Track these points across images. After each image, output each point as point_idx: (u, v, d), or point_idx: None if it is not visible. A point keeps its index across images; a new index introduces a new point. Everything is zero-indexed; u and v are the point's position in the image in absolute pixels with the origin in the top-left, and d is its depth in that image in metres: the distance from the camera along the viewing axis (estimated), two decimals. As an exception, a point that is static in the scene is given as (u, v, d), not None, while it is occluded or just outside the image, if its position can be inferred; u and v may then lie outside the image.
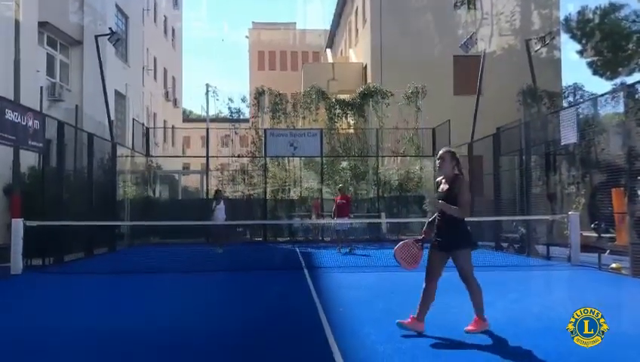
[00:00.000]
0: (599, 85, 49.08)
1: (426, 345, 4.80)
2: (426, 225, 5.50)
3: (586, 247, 11.35)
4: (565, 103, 20.99)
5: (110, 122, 17.21)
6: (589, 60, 24.70)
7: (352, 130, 21.77)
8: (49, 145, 12.45)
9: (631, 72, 23.86)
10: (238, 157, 21.04)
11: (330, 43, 39.43)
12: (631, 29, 23.69)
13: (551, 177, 13.65)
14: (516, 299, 7.20)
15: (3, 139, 10.15)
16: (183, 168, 29.97)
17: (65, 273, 10.72)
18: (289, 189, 20.67)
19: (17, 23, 12.73)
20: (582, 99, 20.22)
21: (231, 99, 33.01)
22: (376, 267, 11.12)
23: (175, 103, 37.33)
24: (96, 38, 16.97)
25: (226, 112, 22.87)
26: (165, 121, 33.68)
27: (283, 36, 47.30)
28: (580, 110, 12.05)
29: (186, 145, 40.95)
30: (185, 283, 9.51)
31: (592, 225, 12.94)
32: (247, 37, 48.18)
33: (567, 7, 74.38)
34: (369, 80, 24.31)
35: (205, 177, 20.46)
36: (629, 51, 23.87)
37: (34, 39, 15.73)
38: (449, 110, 19.19)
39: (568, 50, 70.94)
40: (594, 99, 12.98)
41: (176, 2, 38.29)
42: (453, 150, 5.41)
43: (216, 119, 30.88)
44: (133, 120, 20.56)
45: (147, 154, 20.45)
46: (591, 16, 24.07)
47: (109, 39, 17.39)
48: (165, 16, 35.02)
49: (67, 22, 19.22)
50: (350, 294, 7.70)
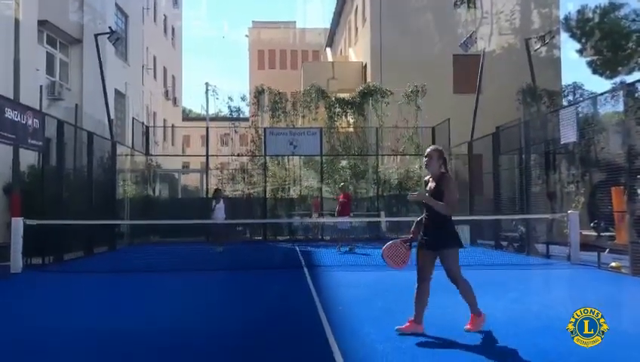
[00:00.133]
0: (599, 84, 49.10)
1: (426, 343, 4.81)
2: (414, 224, 5.49)
3: (585, 246, 11.36)
4: (565, 102, 20.99)
5: (110, 121, 17.22)
6: (588, 59, 24.74)
7: (351, 129, 21.76)
8: (49, 144, 12.46)
9: (630, 71, 23.91)
10: (238, 156, 21.04)
11: (330, 42, 39.42)
12: (630, 28, 23.71)
13: (550, 176, 13.65)
14: (516, 298, 7.20)
15: (3, 138, 10.16)
16: (183, 167, 30.03)
17: (65, 272, 10.73)
18: (289, 188, 20.67)
19: (17, 22, 12.72)
20: (581, 98, 20.20)
21: (231, 98, 33.17)
22: (376, 266, 11.08)
23: (175, 102, 37.32)
24: (96, 36, 16.97)
25: (225, 111, 22.87)
26: (165, 120, 33.68)
27: (283, 35, 47.28)
28: (580, 109, 12.05)
29: (185, 144, 40.93)
30: (185, 282, 9.51)
31: (592, 224, 12.94)
32: (246, 36, 48.20)
33: (567, 6, 74.51)
34: (369, 79, 24.31)
35: (205, 176, 20.47)
36: (629, 50, 23.89)
37: (34, 38, 15.72)
38: (449, 109, 19.20)
39: (568, 49, 71.01)
40: (593, 98, 12.97)
41: (176, 1, 38.25)
42: (440, 148, 5.38)
43: (216, 118, 30.88)
44: (133, 119, 20.56)
45: (147, 153, 20.45)
46: (591, 15, 24.10)
47: (108, 38, 17.40)
48: (165, 15, 34.99)
49: (67, 21, 19.22)
50: (350, 293, 7.71)
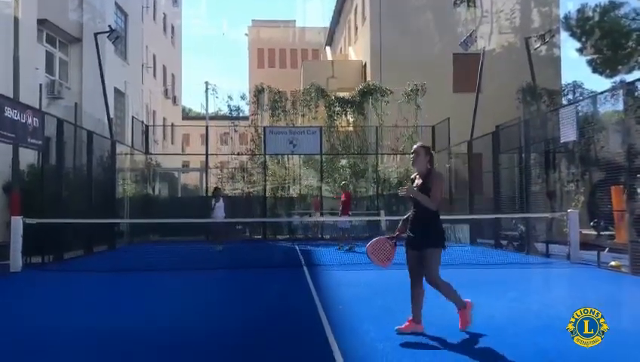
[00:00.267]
0: (599, 83, 49.10)
1: (425, 342, 4.81)
2: (401, 222, 5.43)
3: (585, 245, 11.36)
4: (565, 101, 20.98)
5: (109, 120, 17.21)
6: (588, 58, 24.74)
7: (351, 128, 21.76)
8: (48, 142, 12.45)
9: (630, 70, 23.91)
10: (238, 154, 21.04)
11: (330, 41, 39.39)
12: (630, 27, 23.71)
13: (550, 175, 13.66)
14: (515, 297, 7.20)
15: (2, 137, 10.15)
16: (183, 166, 30.01)
17: (64, 271, 10.73)
18: (288, 187, 20.68)
19: (16, 21, 12.71)
20: (581, 97, 20.21)
21: (230, 97, 32.95)
22: (376, 265, 11.11)
23: (174, 101, 37.29)
24: (96, 35, 16.95)
25: (225, 110, 22.81)
26: (165, 119, 33.67)
27: (282, 34, 47.24)
28: (580, 108, 12.03)
29: (185, 143, 40.91)
30: (184, 281, 9.51)
31: (592, 223, 12.94)
32: (246, 34, 48.11)
33: (567, 4, 74.46)
34: (368, 78, 24.30)
35: (205, 175, 20.47)
36: (629, 49, 23.90)
37: (33, 37, 15.70)
38: (448, 108, 19.21)
39: (568, 48, 70.94)
40: (593, 96, 12.97)
41: (175, 0, 38.23)
42: (427, 145, 5.34)
43: (216, 117, 30.81)
44: (133, 117, 20.54)
45: (146, 151, 20.45)
46: (590, 14, 24.10)
47: (108, 37, 17.40)
48: (165, 14, 34.95)
49: (66, 19, 19.21)
50: (349, 292, 7.72)
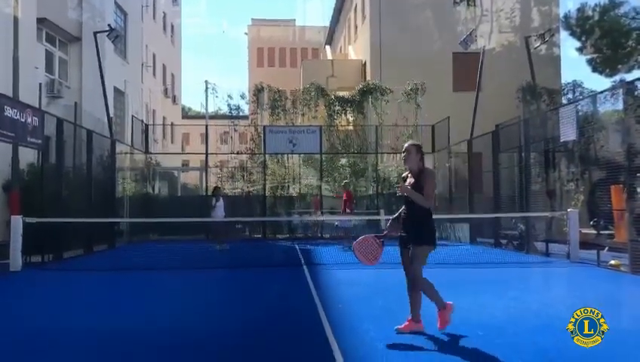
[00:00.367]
0: (598, 82, 49.22)
1: (425, 341, 4.81)
2: (390, 221, 5.39)
3: (585, 244, 11.36)
4: (564, 100, 20.98)
5: (109, 119, 17.21)
6: (588, 57, 24.75)
7: (351, 127, 21.76)
8: (48, 141, 12.44)
9: (630, 69, 23.92)
10: (238, 154, 21.04)
11: (330, 40, 39.37)
12: (630, 26, 23.71)
13: (550, 174, 13.66)
14: (515, 296, 7.20)
15: (2, 136, 10.15)
16: (182, 165, 29.97)
17: (64, 270, 10.72)
18: (288, 186, 20.67)
19: (16, 20, 12.71)
20: (581, 97, 20.22)
21: (230, 96, 32.82)
22: (376, 264, 11.11)
23: (174, 100, 37.28)
24: (95, 34, 16.94)
25: (225, 109, 22.79)
26: (164, 118, 33.66)
27: (282, 33, 47.22)
28: (580, 107, 12.03)
29: (185, 142, 40.89)
30: (184, 280, 9.51)
31: (591, 222, 12.95)
32: (246, 33, 48.11)
33: (567, 4, 74.46)
34: (368, 77, 24.30)
35: (204, 174, 20.46)
36: (629, 48, 23.90)
37: (32, 36, 15.69)
38: (448, 107, 19.21)
39: (568, 47, 71.12)
40: (593, 96, 12.95)
41: (175, -2, 38.21)
42: (418, 143, 5.31)
43: (216, 116, 30.81)
44: (133, 117, 20.53)
45: (146, 151, 20.44)
46: (590, 13, 24.10)
47: (107, 36, 17.40)
48: (164, 13, 34.94)
49: (66, 18, 19.19)
50: (349, 291, 7.71)
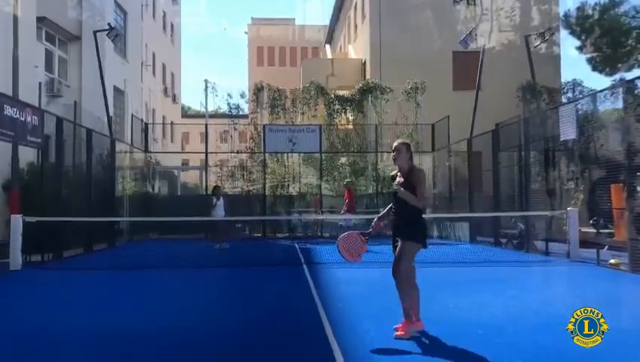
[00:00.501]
0: (598, 81, 49.33)
1: (425, 340, 4.81)
2: (375, 219, 5.37)
3: (584, 243, 11.36)
4: (564, 99, 20.96)
5: (109, 118, 17.21)
6: (588, 56, 24.72)
7: (351, 126, 21.75)
8: (48, 141, 12.43)
9: (630, 68, 23.89)
10: (237, 153, 21.03)
11: (330, 39, 39.34)
12: (630, 25, 23.68)
13: (550, 173, 13.66)
14: (515, 295, 7.21)
15: (2, 135, 10.14)
16: (182, 164, 29.96)
17: (64, 269, 10.72)
18: (288, 185, 20.67)
19: (15, 19, 12.69)
20: (581, 95, 20.20)
21: (230, 95, 32.62)
22: (375, 262, 11.08)
23: (174, 99, 37.25)
24: (95, 33, 16.92)
25: (225, 108, 22.76)
26: (164, 117, 33.63)
27: (282, 32, 47.18)
28: (579, 106, 12.03)
29: (184, 141, 40.85)
30: (184, 279, 9.51)
31: (591, 221, 12.95)
32: (246, 32, 48.08)
33: (567, 2, 74.17)
34: (368, 76, 24.28)
35: (204, 173, 20.46)
36: (629, 47, 23.88)
37: (32, 35, 15.68)
38: (448, 106, 19.20)
39: (568, 46, 71.15)
40: (593, 95, 12.93)
41: (174, -3, 38.17)
42: (408, 142, 5.23)
43: (215, 115, 30.78)
44: (132, 116, 20.53)
45: (146, 150, 20.43)
46: (590, 12, 24.08)
47: (107, 35, 17.39)
48: (164, 12, 34.91)
49: (65, 17, 19.17)
50: (349, 290, 7.71)
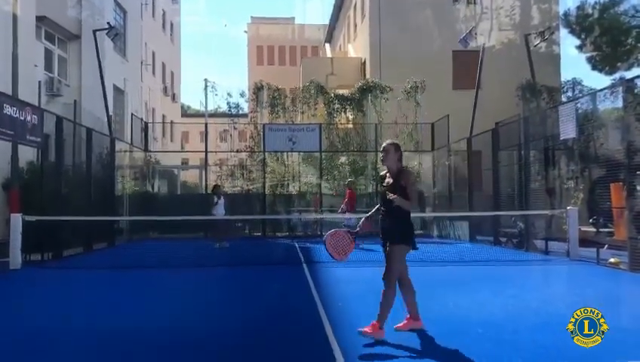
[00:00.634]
0: (598, 80, 49.35)
1: (425, 339, 4.81)
2: (363, 219, 5.36)
3: (584, 242, 11.37)
4: (564, 98, 20.97)
5: (109, 117, 17.21)
6: (588, 55, 24.68)
7: (350, 125, 21.74)
8: (47, 140, 12.43)
9: (630, 67, 23.85)
10: (237, 152, 21.04)
11: (329, 38, 39.31)
12: (630, 24, 23.65)
13: (550, 172, 13.66)
14: (515, 294, 7.21)
15: (1, 134, 10.13)
16: (182, 163, 29.95)
17: (64, 268, 10.73)
18: (288, 184, 20.66)
19: (15, 17, 12.68)
20: (581, 94, 20.19)
21: (229, 94, 32.70)
22: (374, 261, 11.11)
23: (173, 98, 37.26)
24: (95, 32, 16.91)
25: (224, 107, 22.76)
26: (164, 116, 33.62)
27: (282, 31, 47.14)
28: (579, 105, 12.02)
29: (184, 140, 40.84)
30: (184, 279, 9.51)
31: (591, 220, 12.94)
32: (245, 32, 48.07)
33: (567, 1, 74.15)
34: (368, 75, 24.26)
35: (204, 172, 20.46)
36: (628, 46, 23.85)
37: (32, 34, 15.67)
38: (448, 105, 19.19)
39: (567, 45, 71.11)
40: (593, 94, 12.94)
41: (174, -4, 38.14)
42: (397, 142, 5.17)
43: (215, 114, 30.77)
44: (132, 115, 20.51)
45: (146, 149, 20.42)
46: (590, 11, 24.04)
47: (107, 34, 17.37)
48: (164, 11, 34.89)
49: (65, 16, 19.17)
50: (349, 289, 7.72)
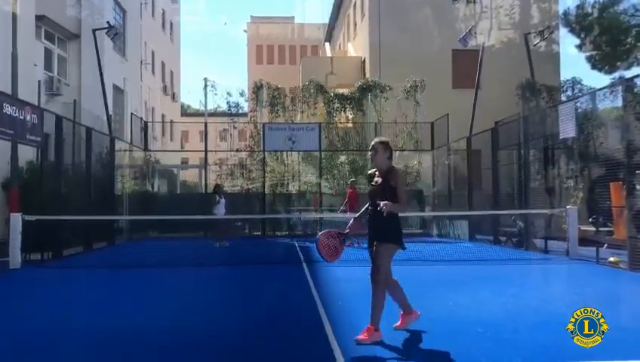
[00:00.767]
0: (598, 79, 49.33)
1: (425, 338, 4.82)
2: (352, 220, 5.25)
3: (584, 241, 11.37)
4: (564, 97, 20.96)
5: (108, 116, 17.21)
6: (587, 54, 24.69)
7: (350, 125, 21.74)
8: (47, 139, 12.43)
9: (629, 66, 23.86)
10: (237, 151, 21.05)
11: (329, 37, 39.30)
12: (629, 23, 23.66)
13: (549, 171, 13.67)
14: (514, 293, 7.22)
15: (1, 134, 10.13)
16: (182, 162, 29.95)
17: (63, 267, 10.73)
18: (287, 183, 20.67)
19: (15, 17, 12.69)
20: (580, 93, 20.20)
21: (229, 94, 32.77)
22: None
23: (173, 97, 37.25)
24: (94, 31, 16.92)
25: (224, 107, 22.75)
26: (163, 116, 33.61)
27: (281, 30, 47.13)
28: (579, 104, 12.03)
29: (184, 140, 40.83)
30: (184, 278, 9.50)
31: (590, 219, 12.95)
32: (245, 31, 48.06)
33: (566, 1, 74.02)
34: (367, 74, 24.25)
35: (204, 172, 20.46)
36: (628, 45, 23.85)
37: (31, 33, 15.67)
38: (448, 104, 19.20)
39: (567, 44, 71.22)
40: (592, 93, 12.95)
41: (174, -5, 38.12)
42: (386, 140, 4.98)
43: (215, 113, 30.73)
44: (132, 114, 20.51)
45: (145, 148, 20.42)
46: (590, 10, 24.05)
47: (106, 33, 17.37)
48: (163, 10, 34.87)
49: (65, 15, 19.16)
50: (349, 287, 7.71)
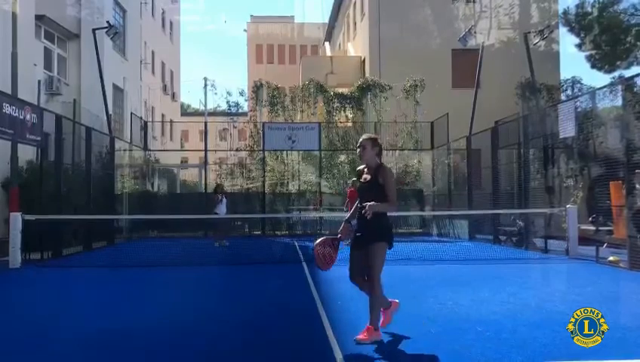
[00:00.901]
0: (597, 78, 49.31)
1: (425, 337, 4.82)
2: (343, 224, 5.04)
3: (583, 240, 11.38)
4: (564, 97, 20.97)
5: (108, 116, 17.21)
6: (587, 54, 24.67)
7: (350, 124, 21.76)
8: (47, 139, 12.44)
9: (629, 66, 23.84)
10: (237, 150, 21.07)
11: (329, 36, 39.31)
12: (629, 22, 23.64)
13: (549, 170, 13.67)
14: (514, 292, 7.22)
15: (1, 133, 10.14)
16: (182, 162, 29.96)
17: (63, 267, 10.73)
18: (287, 183, 20.68)
19: (14, 16, 12.69)
20: (580, 93, 20.20)
21: (229, 93, 33.02)
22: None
23: (173, 97, 37.25)
24: (94, 31, 16.91)
25: (224, 106, 22.85)
26: (163, 115, 33.61)
27: (281, 29, 47.12)
28: (579, 103, 12.04)
29: (184, 139, 40.85)
30: (184, 277, 9.51)
31: (590, 219, 12.95)
32: (245, 30, 48.08)
33: (566, 0, 74.32)
34: (367, 73, 24.26)
35: (204, 171, 20.47)
36: (628, 44, 23.83)
37: (31, 32, 15.67)
38: (447, 104, 19.21)
39: (567, 43, 71.08)
40: (592, 92, 12.96)
41: (173, -5, 38.10)
42: (374, 136, 4.89)
43: (215, 113, 30.80)
44: (132, 114, 20.51)
45: (145, 148, 20.43)
46: (589, 9, 24.03)
47: (106, 32, 17.36)
48: (163, 10, 34.86)
49: (64, 15, 19.15)
50: (348, 287, 7.65)
